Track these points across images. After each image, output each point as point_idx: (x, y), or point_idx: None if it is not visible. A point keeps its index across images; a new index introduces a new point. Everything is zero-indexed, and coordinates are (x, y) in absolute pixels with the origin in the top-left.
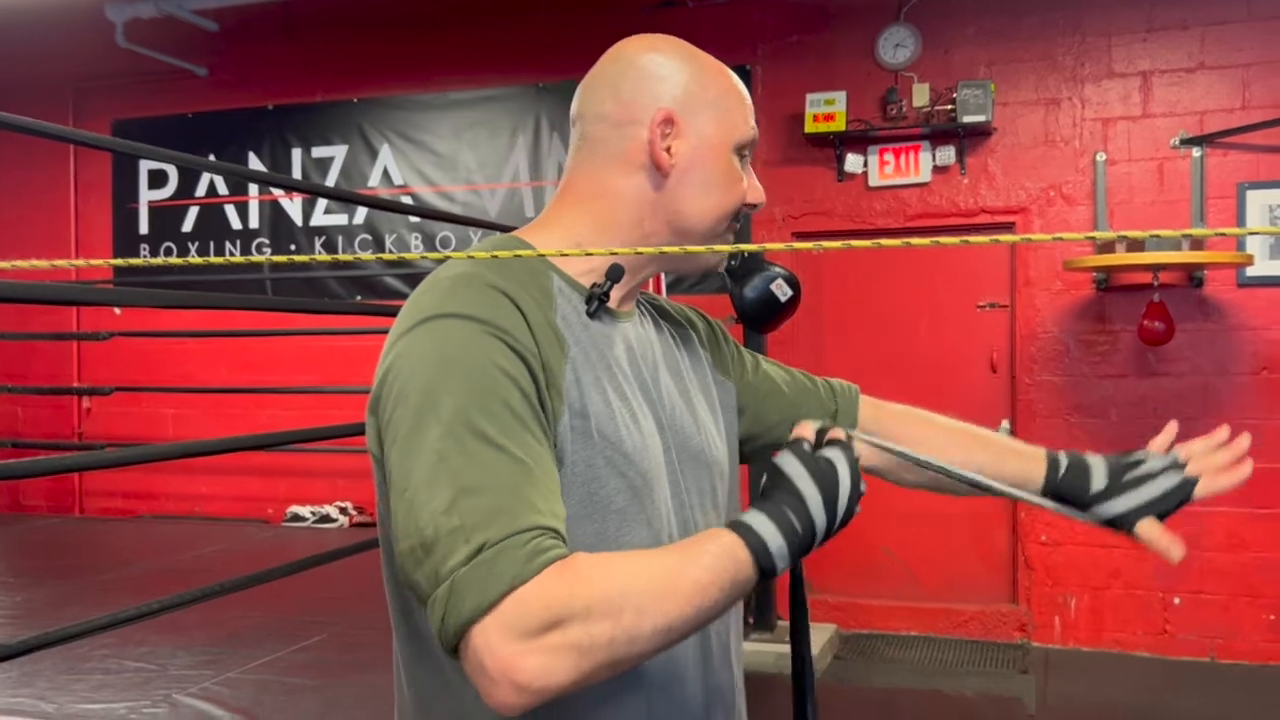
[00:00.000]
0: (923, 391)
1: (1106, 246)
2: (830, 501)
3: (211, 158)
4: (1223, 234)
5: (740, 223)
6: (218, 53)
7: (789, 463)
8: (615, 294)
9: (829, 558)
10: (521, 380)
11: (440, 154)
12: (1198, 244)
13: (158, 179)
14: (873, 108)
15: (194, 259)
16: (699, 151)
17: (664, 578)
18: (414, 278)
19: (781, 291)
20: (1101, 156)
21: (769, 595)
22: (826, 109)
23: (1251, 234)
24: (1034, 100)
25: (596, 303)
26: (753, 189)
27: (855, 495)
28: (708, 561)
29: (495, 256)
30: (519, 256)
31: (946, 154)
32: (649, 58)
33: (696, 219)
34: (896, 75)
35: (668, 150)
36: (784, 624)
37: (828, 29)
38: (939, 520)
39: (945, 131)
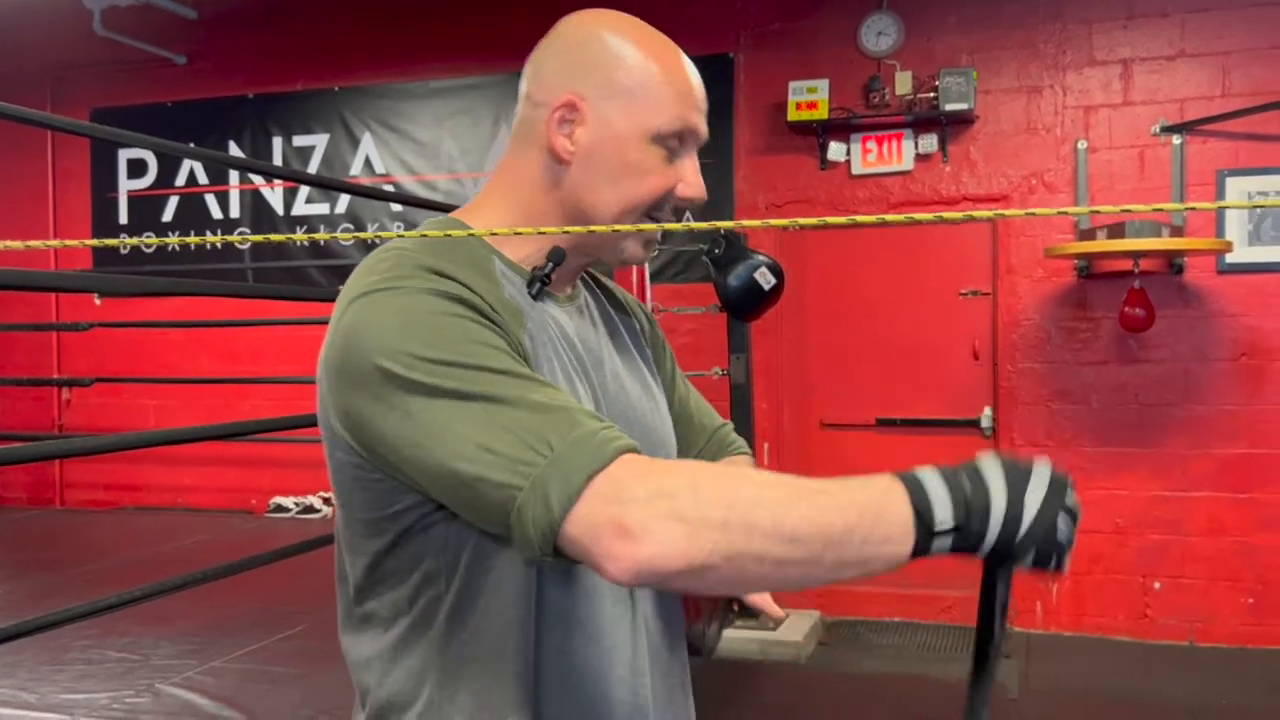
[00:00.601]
0: (905, 379)
1: (1087, 234)
2: (1015, 496)
3: (191, 147)
4: (1195, 208)
5: (673, 216)
6: (197, 41)
7: (985, 458)
8: (553, 276)
9: None
10: (492, 328)
11: (422, 142)
12: (1178, 231)
13: (137, 168)
14: (855, 96)
15: (172, 239)
16: (602, 140)
17: (794, 484)
18: None
19: (765, 280)
20: (1083, 144)
21: None
22: (809, 97)
23: (1225, 208)
24: (1016, 88)
25: (538, 285)
26: (685, 183)
27: (1053, 508)
28: (852, 488)
29: (431, 237)
30: (457, 237)
31: (929, 142)
32: (576, 37)
33: (597, 210)
34: (879, 63)
35: (570, 137)
36: None
37: (810, 16)
38: None
39: (928, 119)
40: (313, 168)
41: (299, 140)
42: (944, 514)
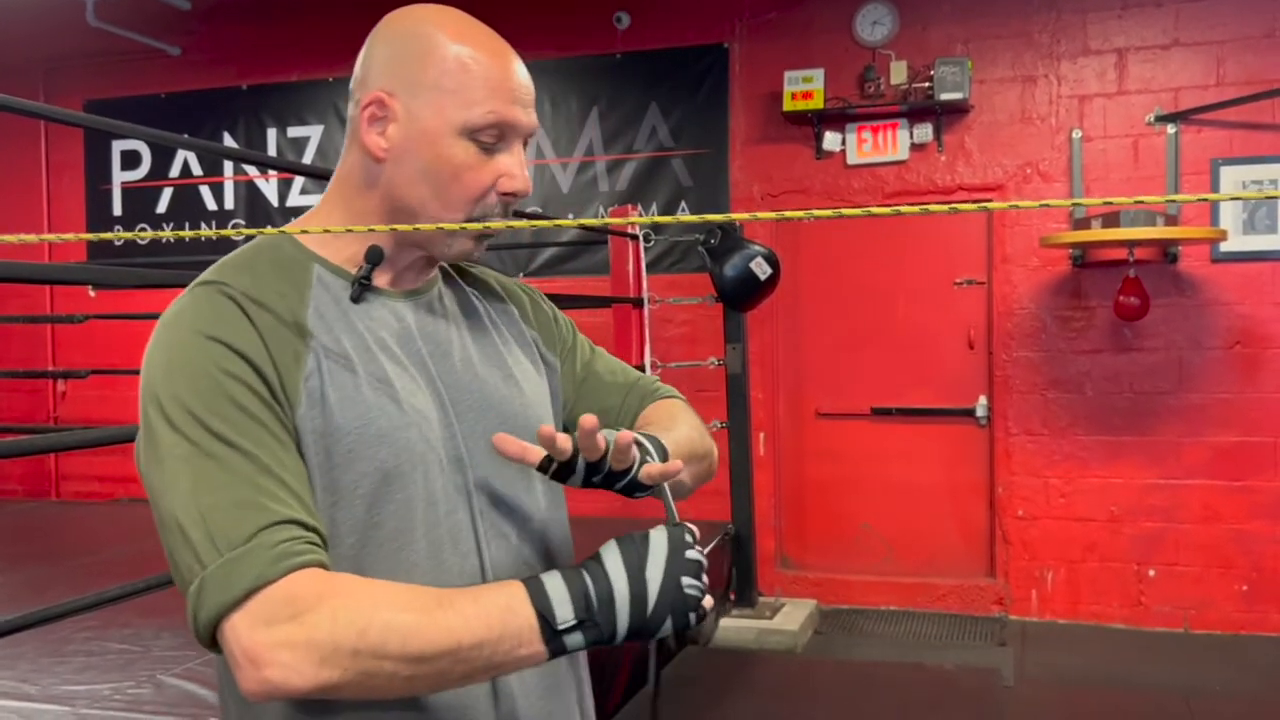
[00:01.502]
0: (901, 368)
1: (1082, 223)
2: (635, 575)
3: (186, 138)
4: (1204, 199)
5: (500, 209)
6: (191, 32)
7: (607, 545)
8: (387, 274)
9: (809, 534)
10: (248, 379)
11: None
12: (1172, 220)
13: (131, 160)
14: (851, 85)
15: (167, 233)
16: (411, 137)
17: (425, 603)
18: None
19: (761, 270)
20: (1077, 134)
21: (749, 572)
22: (804, 87)
23: (1230, 199)
24: (1010, 77)
25: (358, 286)
26: (507, 177)
27: (674, 574)
28: (482, 600)
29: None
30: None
31: (924, 131)
32: (393, 32)
33: (416, 208)
34: (874, 53)
35: (384, 134)
36: (765, 600)
37: (805, 6)
38: (917, 496)
39: (923, 109)
40: (307, 159)
41: (293, 131)
42: (565, 612)
